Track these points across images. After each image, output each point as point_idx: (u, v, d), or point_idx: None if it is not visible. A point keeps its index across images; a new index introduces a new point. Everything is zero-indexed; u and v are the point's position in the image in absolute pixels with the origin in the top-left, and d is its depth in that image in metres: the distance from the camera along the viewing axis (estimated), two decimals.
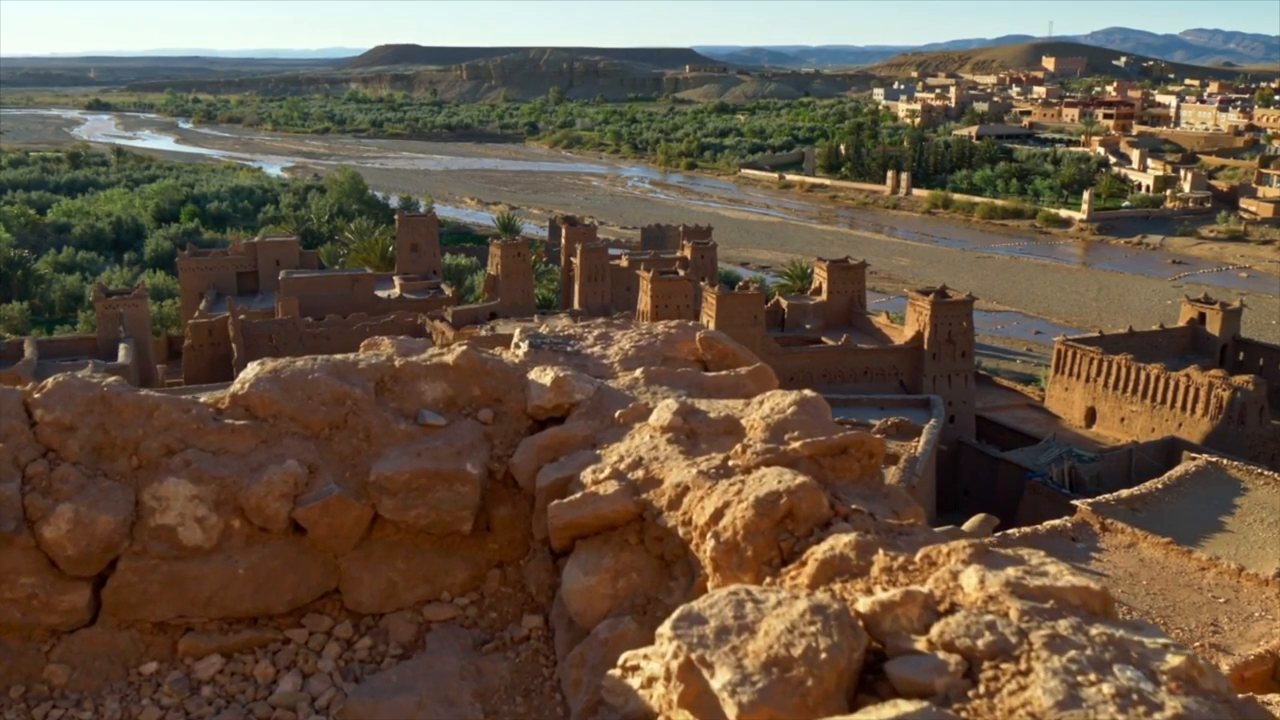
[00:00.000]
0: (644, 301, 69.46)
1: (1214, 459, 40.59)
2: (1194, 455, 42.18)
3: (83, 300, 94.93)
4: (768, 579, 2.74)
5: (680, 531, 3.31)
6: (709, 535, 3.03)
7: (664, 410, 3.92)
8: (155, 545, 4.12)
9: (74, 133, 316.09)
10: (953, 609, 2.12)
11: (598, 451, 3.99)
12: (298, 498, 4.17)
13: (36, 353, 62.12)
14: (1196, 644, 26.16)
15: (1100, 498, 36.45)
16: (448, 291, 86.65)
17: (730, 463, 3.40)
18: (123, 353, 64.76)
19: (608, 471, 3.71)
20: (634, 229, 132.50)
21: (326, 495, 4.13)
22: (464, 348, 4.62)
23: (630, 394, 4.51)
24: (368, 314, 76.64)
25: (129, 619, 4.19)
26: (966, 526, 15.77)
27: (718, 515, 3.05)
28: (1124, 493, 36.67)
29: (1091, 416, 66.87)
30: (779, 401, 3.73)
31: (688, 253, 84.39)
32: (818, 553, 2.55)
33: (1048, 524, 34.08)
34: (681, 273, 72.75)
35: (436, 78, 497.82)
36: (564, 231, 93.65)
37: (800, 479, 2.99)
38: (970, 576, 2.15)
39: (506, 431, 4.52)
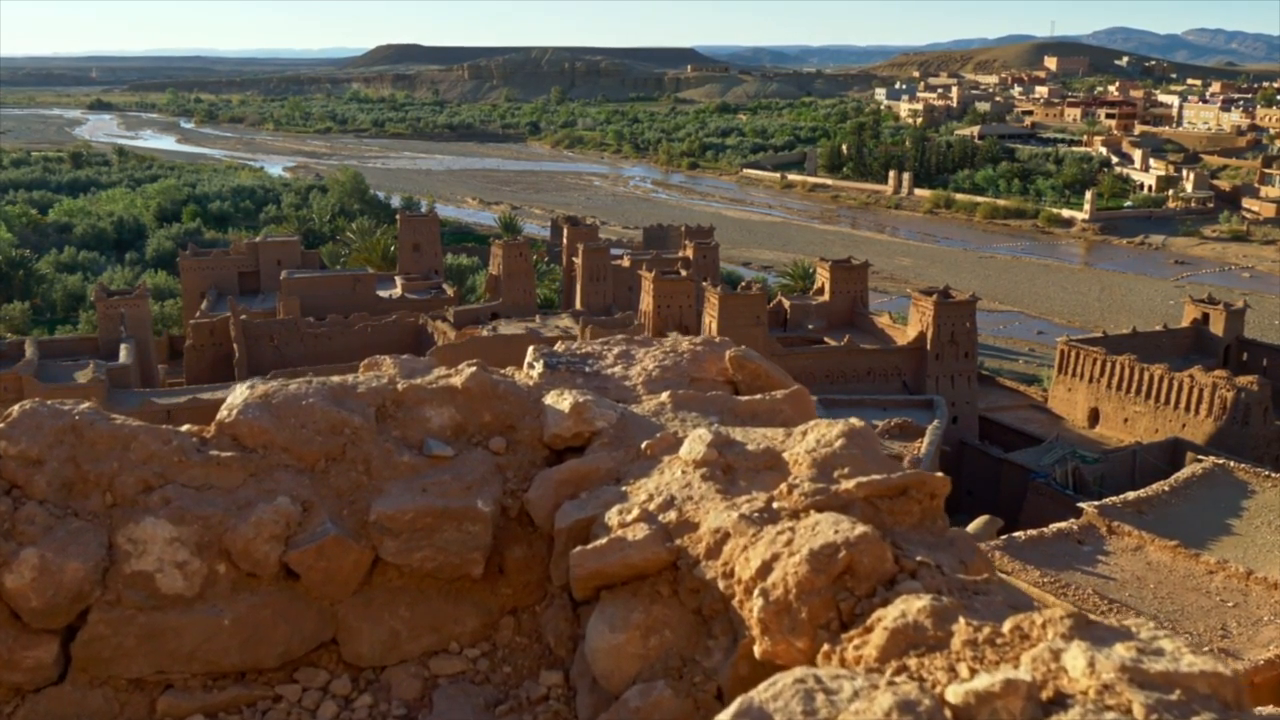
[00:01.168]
0: (646, 302, 69.21)
1: (1220, 461, 40.26)
2: (1200, 457, 41.87)
3: (84, 300, 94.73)
4: (825, 645, 2.41)
5: (721, 584, 2.95)
6: (756, 593, 2.69)
7: (697, 441, 3.52)
8: (130, 594, 3.68)
9: (76, 132, 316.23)
10: (1060, 700, 1.77)
11: (623, 488, 3.61)
12: (290, 539, 3.76)
13: (37, 353, 61.83)
14: (1205, 649, 25.69)
15: (1106, 500, 36.14)
16: (449, 291, 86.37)
17: (775, 505, 3.04)
18: (124, 353, 64.48)
19: (636, 513, 3.34)
20: (636, 229, 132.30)
21: (322, 536, 3.74)
22: (473, 369, 4.21)
23: (657, 421, 4.11)
24: (369, 314, 76.35)
25: (101, 676, 3.77)
26: (971, 528, 15.44)
27: (765, 569, 2.72)
28: (1130, 495, 36.35)
29: (1095, 417, 66.56)
30: (825, 433, 3.33)
31: (690, 253, 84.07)
32: (887, 619, 2.22)
33: (1054, 527, 33.78)
34: (683, 273, 72.44)
35: (438, 77, 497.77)
36: (566, 231, 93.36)
37: (860, 529, 2.65)
38: (1076, 658, 1.81)
39: (521, 462, 4.09)
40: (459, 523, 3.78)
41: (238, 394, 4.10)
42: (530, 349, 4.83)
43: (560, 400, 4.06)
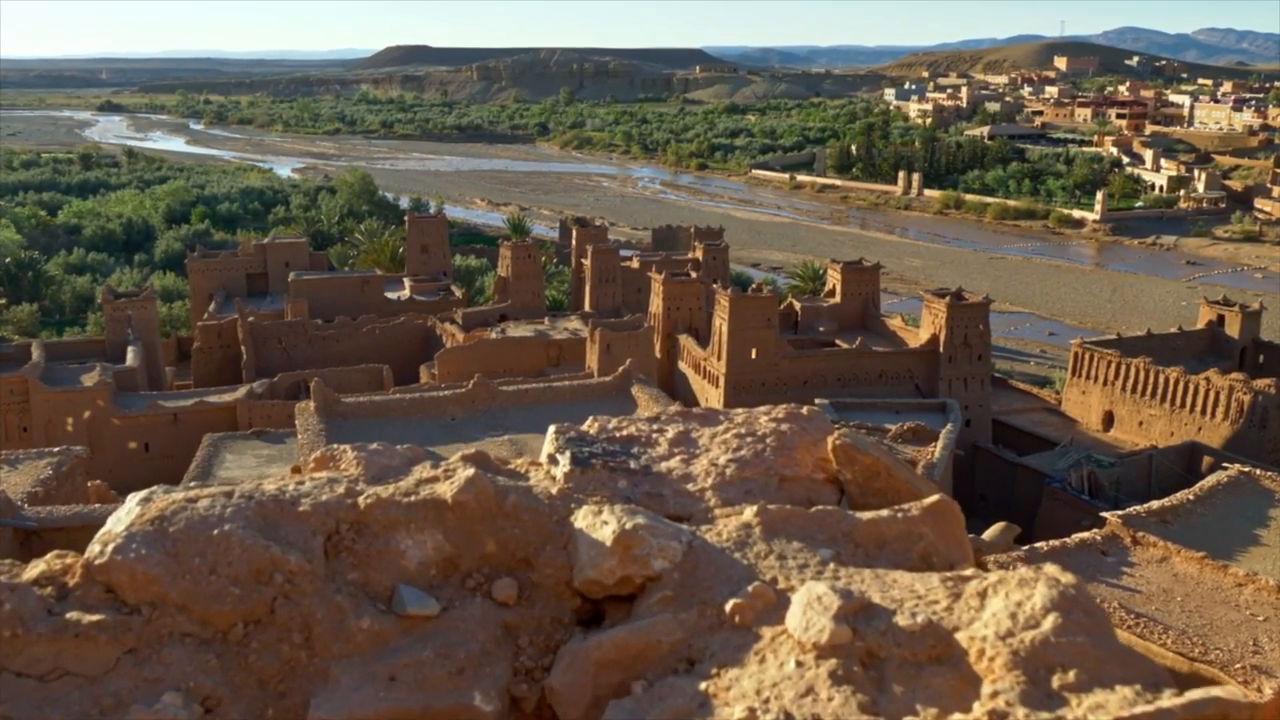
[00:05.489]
0: (655, 303, 68.64)
1: (1246, 469, 39.45)
2: (1226, 465, 41.05)
3: (93, 302, 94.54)
4: None
5: None
6: None
7: (815, 609, 2.25)
8: None
9: (85, 134, 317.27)
10: None
11: (702, 684, 2.27)
12: None
13: (44, 355, 61.47)
14: (1237, 665, 25.04)
15: (1130, 509, 35.28)
16: (458, 293, 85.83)
17: None
18: (131, 355, 64.04)
19: None
20: (645, 230, 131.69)
21: None
22: (470, 473, 2.80)
23: (742, 557, 2.71)
24: (377, 316, 75.90)
25: None
26: (987, 535, 14.34)
27: None
28: (1154, 504, 35.49)
29: (1109, 420, 65.78)
30: (1021, 601, 2.11)
31: (699, 254, 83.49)
32: None
33: (1077, 537, 32.94)
34: (693, 274, 71.86)
35: (447, 78, 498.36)
36: (574, 233, 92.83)
37: None
38: None
39: (540, 622, 2.68)
40: None
41: (121, 515, 2.76)
42: (551, 431, 3.35)
43: (598, 524, 2.71)
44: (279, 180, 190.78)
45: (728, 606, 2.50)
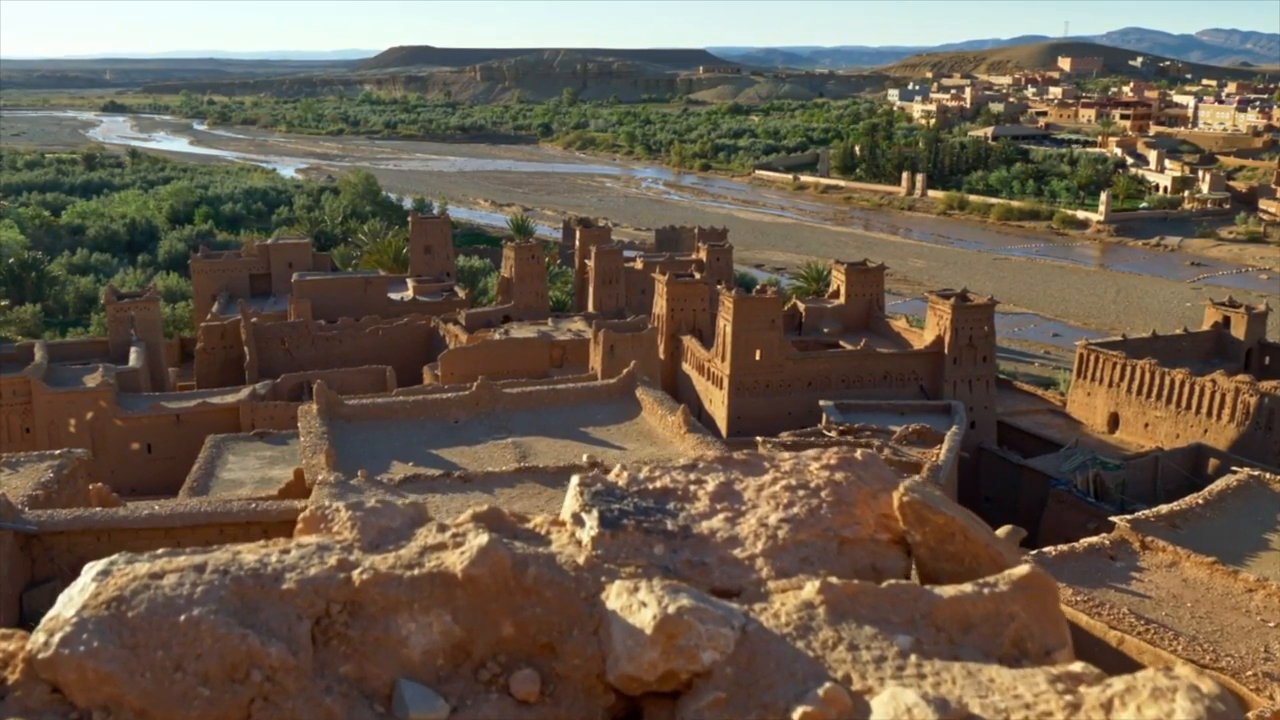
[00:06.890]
0: (659, 304, 68.48)
1: (1256, 473, 39.15)
2: (1234, 468, 40.77)
3: (96, 302, 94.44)
4: None
5: None
6: None
7: None
8: None
9: (89, 134, 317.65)
10: None
11: None
12: None
13: (46, 356, 61.35)
14: (1249, 672, 24.74)
15: (1138, 513, 35.03)
16: (461, 294, 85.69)
17: None
18: (133, 356, 63.89)
19: None
20: (648, 231, 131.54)
21: None
22: (483, 541, 2.33)
23: (805, 646, 2.23)
24: (381, 316, 75.77)
25: None
26: None
27: None
28: (1163, 508, 35.22)
29: (1114, 422, 65.56)
30: (1161, 719, 1.71)
31: (703, 255, 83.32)
32: None
33: (1085, 541, 32.68)
34: (697, 275, 71.69)
35: (450, 79, 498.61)
36: (578, 233, 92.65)
37: None
38: None
39: None
40: None
41: (74, 593, 2.28)
42: (574, 484, 2.80)
43: (635, 604, 2.23)
44: (282, 181, 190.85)
45: (795, 715, 2.04)
